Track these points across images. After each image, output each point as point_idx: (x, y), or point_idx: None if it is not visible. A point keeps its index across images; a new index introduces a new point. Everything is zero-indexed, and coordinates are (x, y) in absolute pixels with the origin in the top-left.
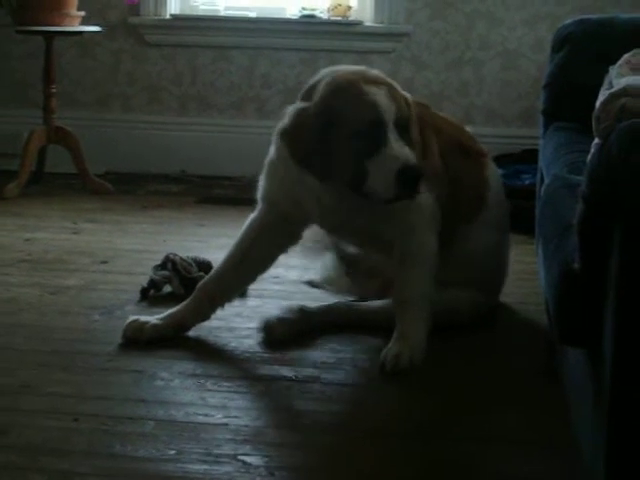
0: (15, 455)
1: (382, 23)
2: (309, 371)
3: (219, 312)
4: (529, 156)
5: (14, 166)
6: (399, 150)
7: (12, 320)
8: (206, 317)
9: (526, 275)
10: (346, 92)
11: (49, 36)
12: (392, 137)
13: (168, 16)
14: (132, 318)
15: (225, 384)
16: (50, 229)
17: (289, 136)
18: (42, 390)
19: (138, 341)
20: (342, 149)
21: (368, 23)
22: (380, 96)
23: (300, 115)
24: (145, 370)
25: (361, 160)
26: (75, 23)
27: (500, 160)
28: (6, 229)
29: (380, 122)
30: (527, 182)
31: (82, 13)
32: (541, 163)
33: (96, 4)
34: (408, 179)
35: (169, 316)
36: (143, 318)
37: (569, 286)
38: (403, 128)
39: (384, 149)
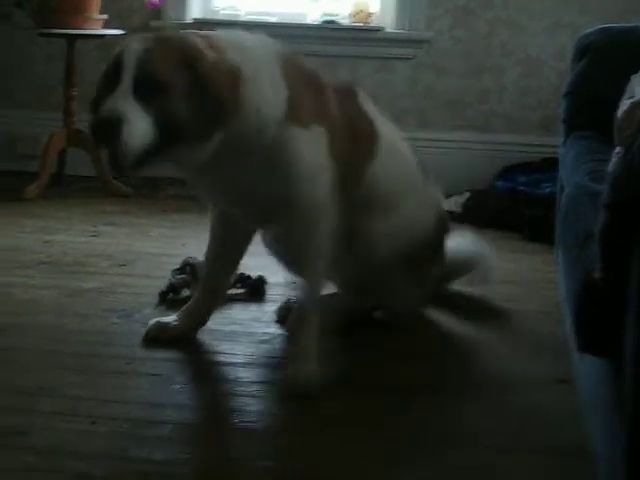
0: (33, 456)
1: (403, 29)
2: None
3: (237, 316)
4: (549, 165)
5: (34, 168)
6: (108, 101)
7: (31, 321)
8: (217, 307)
9: (546, 284)
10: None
11: (71, 39)
12: (120, 86)
13: (190, 20)
14: (154, 320)
15: (242, 388)
16: (69, 231)
17: None
18: (60, 392)
19: (160, 340)
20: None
21: (389, 29)
22: (131, 47)
23: None
24: (163, 373)
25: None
26: (97, 26)
27: (520, 168)
28: (26, 231)
29: (116, 70)
30: (547, 191)
31: (104, 16)
32: (561, 172)
33: (118, 7)
34: (92, 131)
35: (187, 314)
36: (165, 319)
37: (590, 295)
38: (146, 85)
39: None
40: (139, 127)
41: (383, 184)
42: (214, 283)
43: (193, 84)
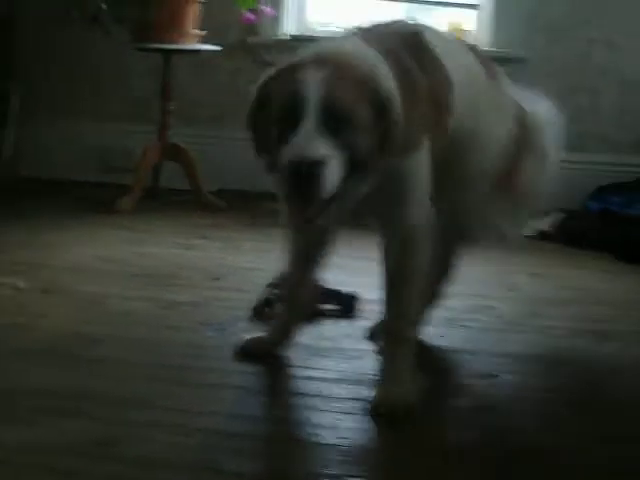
0: (126, 467)
1: (499, 47)
2: (422, 396)
3: (328, 332)
4: None
5: (128, 181)
6: (299, 140)
7: (125, 333)
8: (303, 321)
9: (637, 305)
10: (283, 72)
11: (167, 54)
12: (306, 124)
13: (288, 36)
14: (246, 335)
15: (335, 404)
16: (162, 244)
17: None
18: (153, 403)
19: (252, 355)
20: (270, 133)
21: (485, 47)
22: (309, 75)
23: (252, 99)
24: (255, 387)
25: (277, 146)
26: (193, 42)
27: (613, 188)
28: (119, 242)
29: (297, 105)
30: None
31: (201, 32)
32: None
33: (214, 23)
34: (289, 176)
35: (275, 330)
36: (257, 334)
37: None
38: (334, 120)
39: (291, 138)
40: (335, 168)
41: (464, 126)
42: (297, 297)
43: (373, 113)
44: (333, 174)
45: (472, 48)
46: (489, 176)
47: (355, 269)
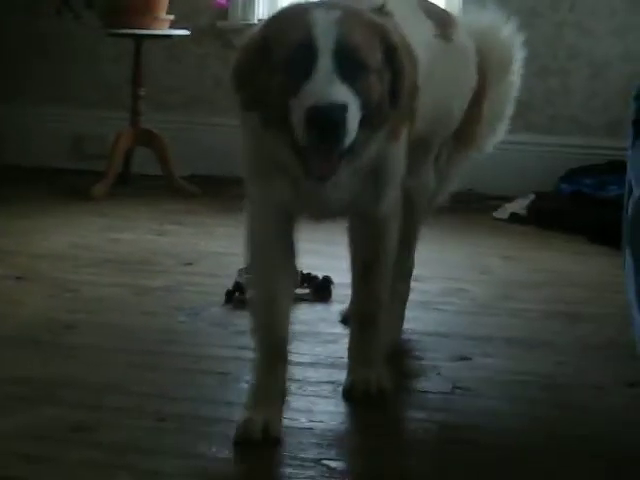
0: (101, 452)
1: None
2: (393, 379)
3: (303, 316)
4: (615, 167)
5: (101, 167)
6: (319, 85)
7: (99, 319)
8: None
9: (611, 287)
10: (285, 16)
11: (138, 39)
12: (322, 68)
13: (256, 21)
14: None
15: (310, 388)
16: (136, 230)
17: (232, 75)
18: (128, 389)
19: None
20: (272, 82)
21: None
22: (319, 18)
23: (241, 48)
24: (230, 372)
25: (285, 95)
26: (164, 27)
27: (585, 171)
28: (93, 229)
29: (310, 47)
30: (613, 193)
31: (171, 17)
32: (630, 175)
33: (185, 8)
34: (314, 123)
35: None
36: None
37: None
38: (350, 65)
39: (306, 83)
40: (355, 115)
41: (427, 103)
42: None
43: (384, 59)
44: (354, 121)
45: (419, 2)
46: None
47: (328, 254)
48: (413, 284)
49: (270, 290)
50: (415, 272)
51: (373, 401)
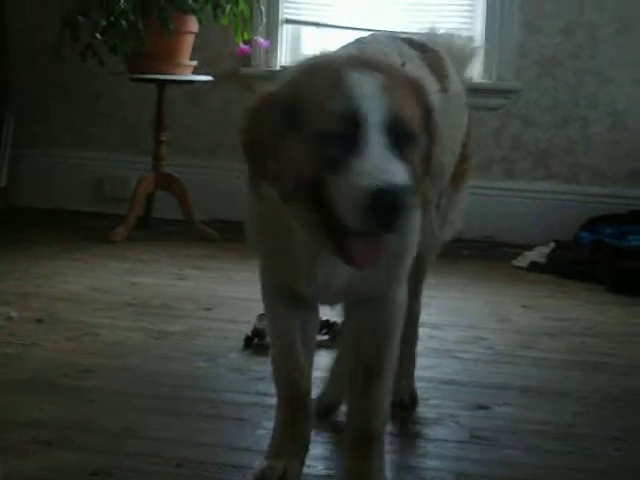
0: None
1: (491, 79)
2: (410, 427)
3: (322, 363)
4: (636, 217)
5: (122, 210)
6: (376, 163)
7: (118, 363)
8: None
9: (631, 337)
10: (319, 75)
11: (161, 84)
12: (374, 143)
13: (278, 67)
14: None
15: (327, 435)
16: (156, 274)
17: (244, 136)
18: (146, 434)
19: None
20: (305, 154)
21: (476, 79)
22: (364, 83)
23: (259, 107)
24: (248, 419)
25: (324, 172)
26: (187, 72)
27: (606, 220)
28: (113, 272)
29: (356, 119)
30: (634, 243)
31: (194, 62)
32: None
33: (208, 54)
34: (377, 208)
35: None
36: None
37: None
38: (400, 136)
39: (357, 160)
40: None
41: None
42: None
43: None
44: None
45: (421, 50)
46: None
47: None
48: (432, 332)
49: (289, 345)
50: (434, 319)
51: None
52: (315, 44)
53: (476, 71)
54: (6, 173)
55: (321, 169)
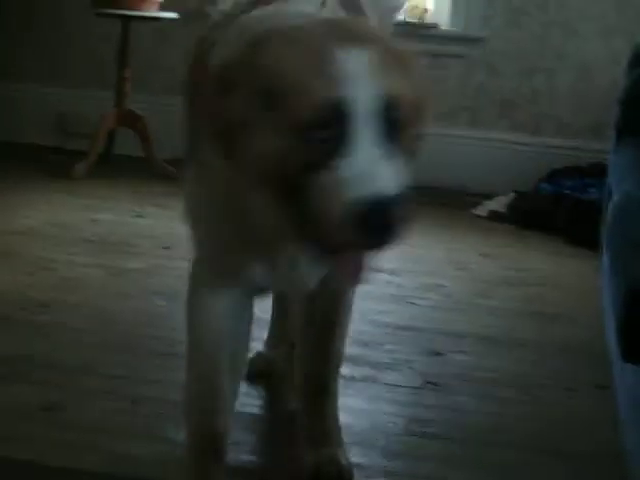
0: (71, 433)
1: (458, 27)
2: (363, 371)
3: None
4: (597, 170)
5: (83, 146)
6: (366, 166)
7: (75, 299)
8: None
9: (586, 289)
10: (299, 48)
11: (126, 20)
12: (363, 140)
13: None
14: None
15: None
16: (115, 211)
17: (207, 111)
18: (101, 371)
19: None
20: (279, 147)
21: (444, 27)
22: (353, 63)
23: (225, 71)
24: None
25: (301, 167)
26: (153, 9)
27: (567, 172)
28: (72, 209)
29: (344, 108)
30: (593, 196)
31: None
32: (610, 178)
33: None
34: (366, 223)
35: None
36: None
37: (636, 305)
38: (393, 125)
39: (342, 160)
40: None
41: None
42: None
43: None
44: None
45: None
46: None
47: None
48: (389, 278)
49: (210, 379)
50: (392, 266)
51: None
52: None
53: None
54: None
55: (299, 167)
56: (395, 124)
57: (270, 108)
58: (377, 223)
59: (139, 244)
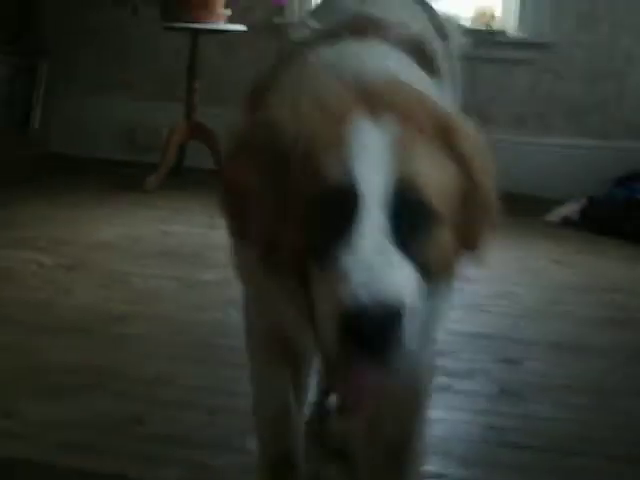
0: (151, 444)
1: (526, 33)
2: (440, 379)
3: None
4: None
5: (154, 159)
6: (362, 264)
7: (150, 311)
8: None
9: None
10: (319, 113)
11: (195, 33)
12: (369, 229)
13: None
14: None
15: None
16: (187, 223)
17: (226, 176)
18: (177, 382)
19: None
20: (285, 225)
21: (511, 32)
22: (370, 138)
23: (248, 137)
24: None
25: (303, 255)
26: (221, 21)
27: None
28: (145, 221)
29: (352, 190)
30: None
31: (228, 12)
32: None
33: (242, 4)
34: (351, 335)
35: None
36: None
37: None
38: (412, 215)
39: (343, 252)
40: (416, 303)
41: None
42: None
43: (458, 189)
44: (415, 320)
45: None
46: None
47: None
48: (462, 285)
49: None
50: (465, 273)
51: None
52: None
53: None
54: (39, 118)
55: (303, 249)
56: (413, 214)
57: (279, 179)
58: (366, 334)
59: (212, 256)
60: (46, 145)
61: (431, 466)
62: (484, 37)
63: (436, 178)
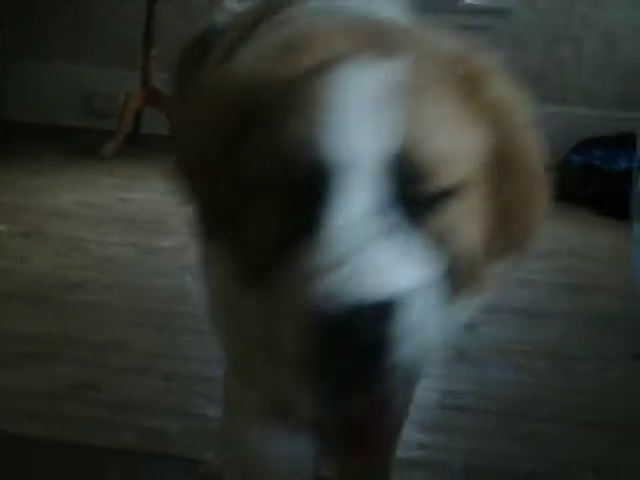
0: (107, 411)
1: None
2: None
3: None
4: (626, 140)
5: (111, 125)
6: (348, 249)
7: (107, 278)
8: None
9: (616, 259)
10: (298, 60)
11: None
12: (352, 207)
13: None
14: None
15: None
16: (145, 190)
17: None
18: (134, 348)
19: None
20: (255, 204)
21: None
22: (354, 96)
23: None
24: None
25: (276, 246)
26: None
27: (596, 142)
28: (102, 188)
29: (322, 167)
30: (623, 166)
31: None
32: None
33: None
34: (338, 342)
35: None
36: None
37: None
38: (418, 190)
39: (316, 238)
40: (424, 307)
41: None
42: None
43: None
44: (421, 311)
45: None
46: None
47: None
48: None
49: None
50: None
51: None
52: None
53: None
54: None
55: (269, 240)
56: (422, 194)
57: (242, 148)
58: (348, 345)
59: (170, 222)
60: (2, 112)
61: None
62: (441, 3)
63: (457, 145)
